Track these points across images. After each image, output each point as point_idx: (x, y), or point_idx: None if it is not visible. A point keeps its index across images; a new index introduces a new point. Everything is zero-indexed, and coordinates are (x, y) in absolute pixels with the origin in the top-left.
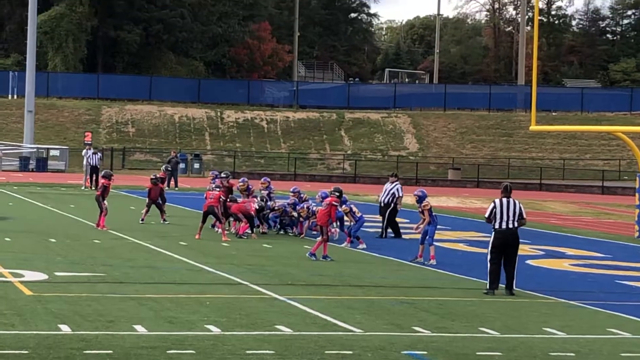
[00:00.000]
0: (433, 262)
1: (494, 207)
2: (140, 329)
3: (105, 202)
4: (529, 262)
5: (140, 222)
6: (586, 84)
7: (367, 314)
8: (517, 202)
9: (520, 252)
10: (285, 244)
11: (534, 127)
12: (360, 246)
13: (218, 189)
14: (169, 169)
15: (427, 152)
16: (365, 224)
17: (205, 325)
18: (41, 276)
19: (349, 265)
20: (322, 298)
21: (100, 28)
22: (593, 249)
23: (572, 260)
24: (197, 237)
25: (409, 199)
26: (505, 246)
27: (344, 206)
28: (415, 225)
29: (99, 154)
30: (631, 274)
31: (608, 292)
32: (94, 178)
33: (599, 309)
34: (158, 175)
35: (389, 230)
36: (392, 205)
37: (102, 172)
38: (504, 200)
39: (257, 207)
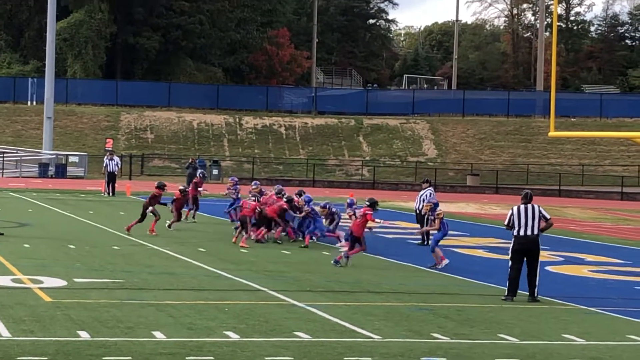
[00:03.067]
0: (445, 261)
1: (512, 214)
2: (159, 336)
3: (153, 207)
4: (548, 268)
5: (168, 228)
6: (605, 89)
7: (385, 320)
8: (536, 206)
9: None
10: (304, 251)
11: (552, 133)
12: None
13: (254, 199)
14: (205, 174)
15: (446, 158)
16: (400, 232)
17: (224, 332)
18: (60, 282)
19: (368, 271)
20: (341, 304)
21: (119, 35)
22: (612, 255)
23: (591, 266)
24: (234, 240)
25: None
26: (525, 252)
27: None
28: (419, 230)
29: (116, 159)
30: None
31: (628, 299)
32: (110, 185)
33: (619, 316)
34: (194, 181)
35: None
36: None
37: (156, 183)
38: (522, 207)
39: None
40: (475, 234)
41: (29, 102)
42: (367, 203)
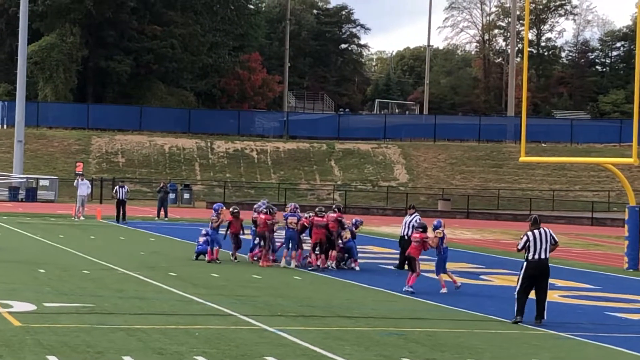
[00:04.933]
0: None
1: (528, 240)
2: None
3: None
4: None
5: (233, 260)
6: (576, 115)
7: (356, 345)
8: (547, 230)
9: (509, 284)
10: (275, 275)
11: (523, 158)
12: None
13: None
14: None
15: (417, 183)
16: (372, 257)
17: (194, 357)
18: (30, 307)
19: (339, 296)
20: (312, 329)
21: (90, 58)
22: (583, 281)
23: (561, 291)
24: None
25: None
26: (538, 276)
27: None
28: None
29: (125, 187)
30: (620, 305)
31: (597, 324)
32: (121, 211)
33: (589, 341)
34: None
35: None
36: None
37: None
38: (536, 232)
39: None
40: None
41: None
42: (421, 229)
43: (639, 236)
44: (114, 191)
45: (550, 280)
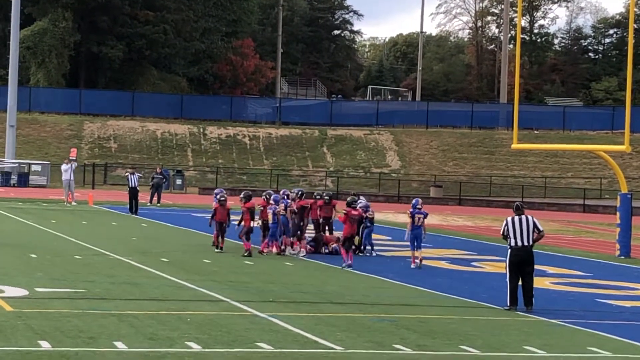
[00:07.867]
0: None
1: (506, 224)
2: (120, 346)
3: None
4: None
5: (218, 250)
6: (568, 102)
7: (348, 331)
8: (530, 217)
9: (500, 270)
10: (267, 261)
11: (515, 145)
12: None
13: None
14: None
15: (409, 170)
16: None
17: (186, 342)
18: (22, 292)
19: (331, 282)
20: (303, 315)
21: (83, 43)
22: (574, 268)
23: (553, 278)
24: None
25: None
26: (521, 263)
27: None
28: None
29: (137, 174)
30: (612, 292)
31: (588, 311)
32: (133, 201)
33: (580, 328)
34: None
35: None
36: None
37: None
38: (516, 218)
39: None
40: (437, 245)
41: None
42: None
43: (630, 223)
44: (128, 178)
45: (542, 267)
